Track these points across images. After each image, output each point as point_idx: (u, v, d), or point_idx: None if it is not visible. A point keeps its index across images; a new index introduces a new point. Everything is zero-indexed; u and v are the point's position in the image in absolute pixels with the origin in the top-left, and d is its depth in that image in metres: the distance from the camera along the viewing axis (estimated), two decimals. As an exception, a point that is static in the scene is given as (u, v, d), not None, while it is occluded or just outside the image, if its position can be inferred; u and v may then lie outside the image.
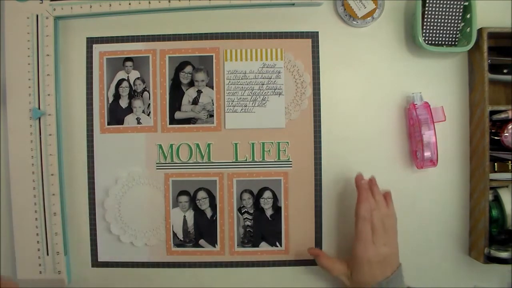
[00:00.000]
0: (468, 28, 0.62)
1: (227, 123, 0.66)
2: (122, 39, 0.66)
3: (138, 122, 0.67)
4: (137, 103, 0.66)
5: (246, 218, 0.67)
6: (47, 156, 0.63)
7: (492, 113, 0.63)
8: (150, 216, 0.67)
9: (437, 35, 0.64)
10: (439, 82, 0.66)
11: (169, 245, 0.67)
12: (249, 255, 0.67)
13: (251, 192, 0.66)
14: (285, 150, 0.66)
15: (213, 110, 0.66)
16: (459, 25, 0.63)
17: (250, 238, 0.67)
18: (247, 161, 0.66)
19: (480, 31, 0.62)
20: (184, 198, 0.67)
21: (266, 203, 0.66)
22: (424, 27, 0.63)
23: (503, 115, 0.63)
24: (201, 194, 0.67)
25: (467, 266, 0.67)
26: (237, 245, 0.67)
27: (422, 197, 0.66)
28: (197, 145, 0.66)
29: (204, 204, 0.67)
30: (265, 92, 0.66)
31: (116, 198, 0.66)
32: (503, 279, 0.67)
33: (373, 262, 0.58)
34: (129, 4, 0.63)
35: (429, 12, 0.63)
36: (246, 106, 0.66)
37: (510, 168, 0.64)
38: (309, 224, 0.66)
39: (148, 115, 0.66)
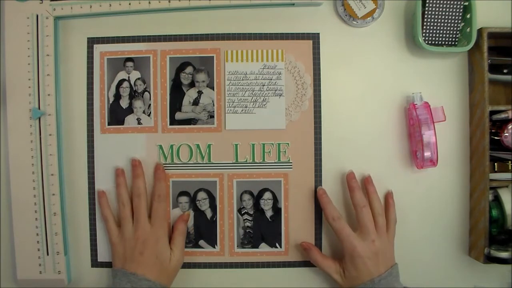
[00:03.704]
0: (468, 28, 0.63)
1: (227, 124, 0.66)
2: (123, 39, 0.66)
3: (139, 123, 0.66)
4: (137, 103, 0.66)
5: (246, 219, 0.66)
6: (47, 156, 0.63)
7: (492, 113, 0.63)
8: (150, 217, 0.67)
9: (437, 35, 0.64)
10: (439, 82, 0.66)
11: (169, 245, 0.67)
12: (249, 256, 0.67)
13: (251, 193, 0.66)
14: (285, 151, 0.66)
15: (213, 111, 0.66)
16: (459, 25, 0.63)
17: (250, 239, 0.67)
18: (247, 162, 0.66)
19: (480, 31, 0.62)
20: (184, 199, 0.66)
21: (266, 204, 0.66)
22: (424, 27, 0.63)
23: (503, 115, 0.63)
24: (201, 195, 0.66)
25: (467, 266, 0.67)
26: (237, 246, 0.67)
27: (422, 197, 0.66)
28: (198, 145, 0.66)
29: (204, 205, 0.67)
30: (266, 93, 0.66)
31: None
32: (503, 279, 0.67)
33: (364, 257, 0.58)
34: (129, 4, 0.63)
35: (429, 12, 0.63)
36: (246, 107, 0.66)
37: (510, 168, 0.64)
38: (309, 225, 0.66)
39: (149, 115, 0.66)
